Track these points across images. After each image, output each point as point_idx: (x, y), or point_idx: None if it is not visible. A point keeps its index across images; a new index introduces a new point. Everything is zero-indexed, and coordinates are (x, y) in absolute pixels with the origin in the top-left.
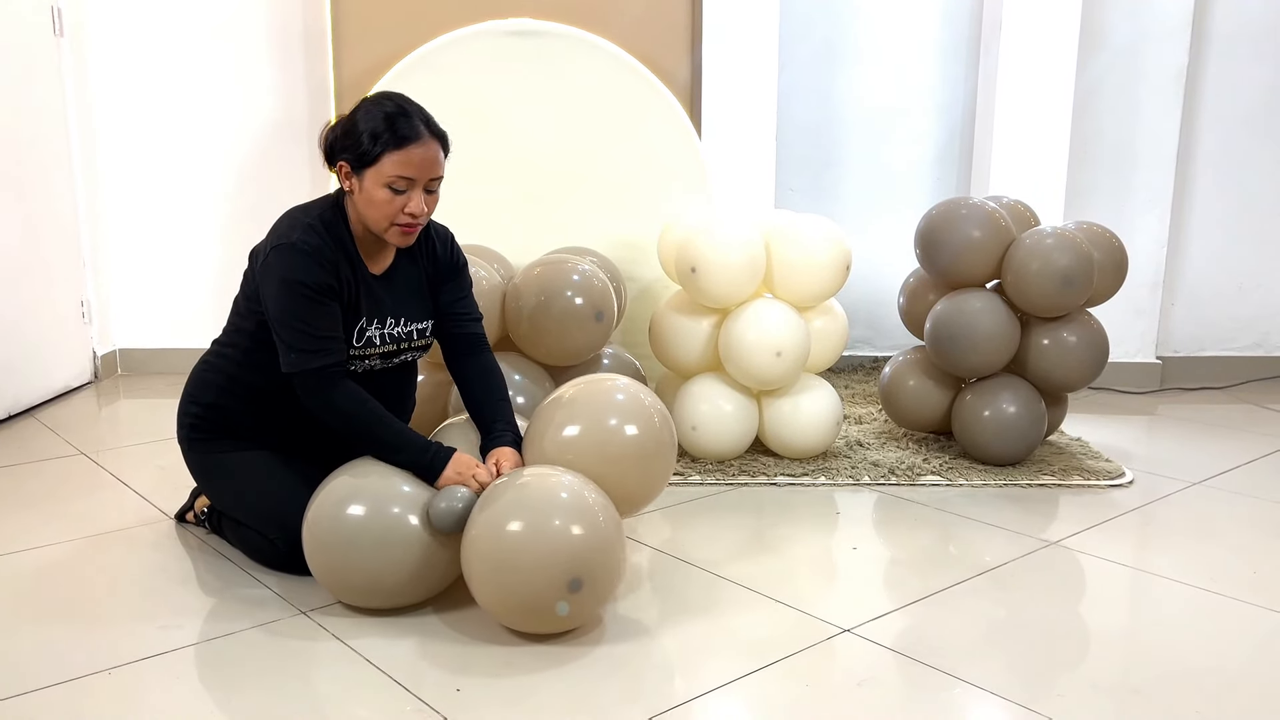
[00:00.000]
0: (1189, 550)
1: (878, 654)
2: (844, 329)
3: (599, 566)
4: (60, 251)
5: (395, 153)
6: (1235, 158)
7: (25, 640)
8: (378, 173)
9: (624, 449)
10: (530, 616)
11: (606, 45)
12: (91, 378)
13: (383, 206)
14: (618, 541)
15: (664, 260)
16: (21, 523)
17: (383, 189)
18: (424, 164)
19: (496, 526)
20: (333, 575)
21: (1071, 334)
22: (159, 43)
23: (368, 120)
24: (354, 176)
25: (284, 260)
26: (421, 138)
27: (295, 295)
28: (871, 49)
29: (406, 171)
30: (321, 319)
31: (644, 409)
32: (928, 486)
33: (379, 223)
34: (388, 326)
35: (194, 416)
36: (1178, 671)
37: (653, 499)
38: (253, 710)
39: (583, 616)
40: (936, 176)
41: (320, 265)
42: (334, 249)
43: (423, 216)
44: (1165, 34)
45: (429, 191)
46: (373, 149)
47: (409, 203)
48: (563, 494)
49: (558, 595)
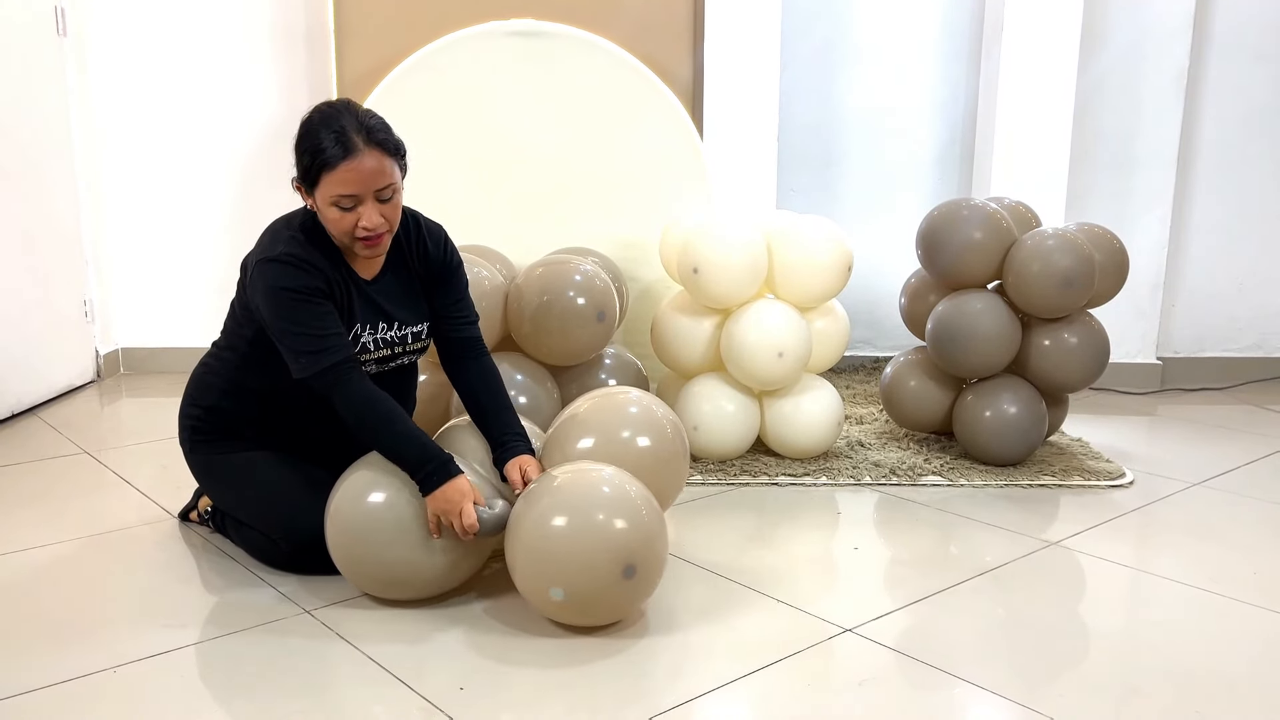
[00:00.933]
0: (1189, 551)
1: (879, 654)
2: (845, 329)
3: (651, 555)
4: (63, 251)
5: (331, 172)
6: (1236, 159)
7: (29, 639)
8: (322, 192)
9: (638, 461)
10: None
11: (608, 45)
12: (94, 377)
13: (337, 224)
14: (662, 532)
15: (666, 260)
16: (24, 521)
17: (331, 208)
18: (365, 178)
19: (544, 523)
20: (355, 565)
21: (1072, 335)
22: (162, 43)
23: (307, 139)
24: (309, 196)
25: (269, 274)
26: (355, 152)
27: (287, 303)
28: (873, 49)
29: (347, 189)
30: (319, 319)
31: (657, 420)
32: (929, 487)
33: (340, 238)
34: (381, 331)
35: (195, 419)
36: (1178, 672)
37: (665, 507)
38: (256, 709)
39: (633, 605)
40: (937, 177)
41: (305, 271)
42: (320, 257)
43: (381, 227)
44: (1166, 35)
45: (384, 200)
46: (311, 168)
47: (360, 218)
48: (605, 488)
49: (615, 583)
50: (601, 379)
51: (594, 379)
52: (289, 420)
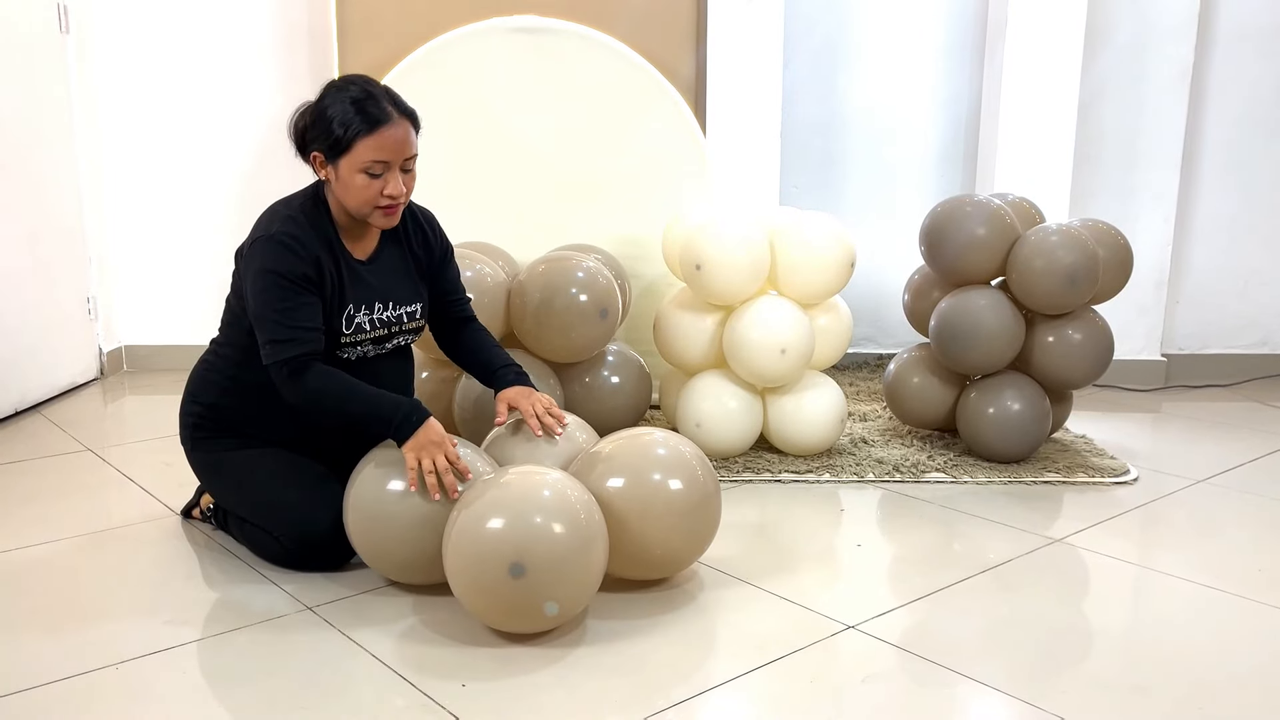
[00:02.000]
0: (1193, 547)
1: (882, 650)
2: (848, 326)
3: (542, 556)
4: (66, 248)
5: (368, 138)
6: (1240, 155)
7: (32, 635)
8: (353, 159)
9: (670, 503)
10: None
11: (611, 42)
12: (97, 374)
13: (361, 192)
14: (588, 540)
15: (668, 257)
16: (28, 518)
17: (359, 174)
18: (397, 145)
19: (474, 524)
20: (374, 549)
21: (1076, 331)
22: (164, 41)
23: (336, 107)
24: (329, 165)
25: (263, 252)
26: (391, 119)
27: (272, 286)
28: (876, 46)
29: (381, 155)
30: (298, 309)
31: (686, 461)
32: (932, 484)
33: (360, 208)
34: (376, 311)
35: (196, 416)
36: (1182, 669)
37: (701, 553)
38: (258, 705)
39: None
40: (941, 174)
41: (299, 256)
42: (315, 238)
43: (402, 197)
44: (1171, 31)
45: (405, 171)
46: (345, 136)
47: (387, 185)
48: (545, 491)
49: (501, 579)
50: (604, 376)
51: (597, 376)
52: (290, 416)
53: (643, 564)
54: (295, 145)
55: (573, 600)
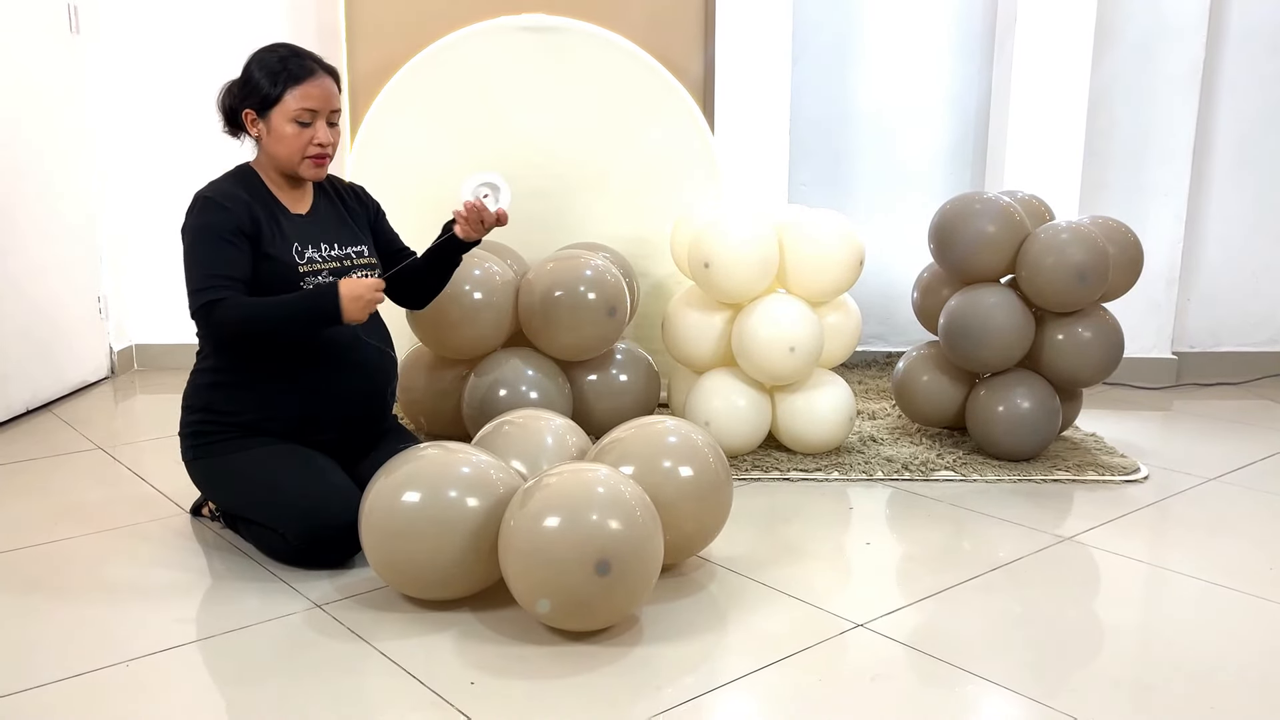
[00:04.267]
0: (1204, 546)
1: (891, 649)
2: (857, 324)
3: (630, 555)
4: (77, 248)
5: (296, 88)
6: (1251, 152)
7: (41, 633)
8: (283, 110)
9: (680, 490)
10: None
11: (619, 40)
12: (108, 373)
13: (292, 141)
14: (653, 534)
15: (677, 255)
16: (38, 516)
17: (290, 124)
18: (324, 96)
19: (533, 520)
20: (389, 564)
21: (1086, 329)
22: (174, 40)
23: (263, 67)
24: (260, 121)
25: (191, 210)
26: (316, 73)
27: (198, 240)
28: (884, 43)
29: (309, 104)
30: (217, 260)
31: (698, 450)
32: (941, 482)
33: (291, 158)
34: (323, 250)
35: (193, 425)
36: (1193, 667)
37: (712, 538)
38: (267, 703)
39: (613, 607)
40: (949, 172)
41: (226, 209)
42: (245, 193)
43: (330, 146)
44: (1181, 29)
45: (331, 125)
46: (274, 89)
47: (315, 134)
48: (599, 488)
49: (588, 579)
50: (612, 375)
51: (605, 374)
52: (283, 406)
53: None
54: (224, 117)
55: (642, 593)
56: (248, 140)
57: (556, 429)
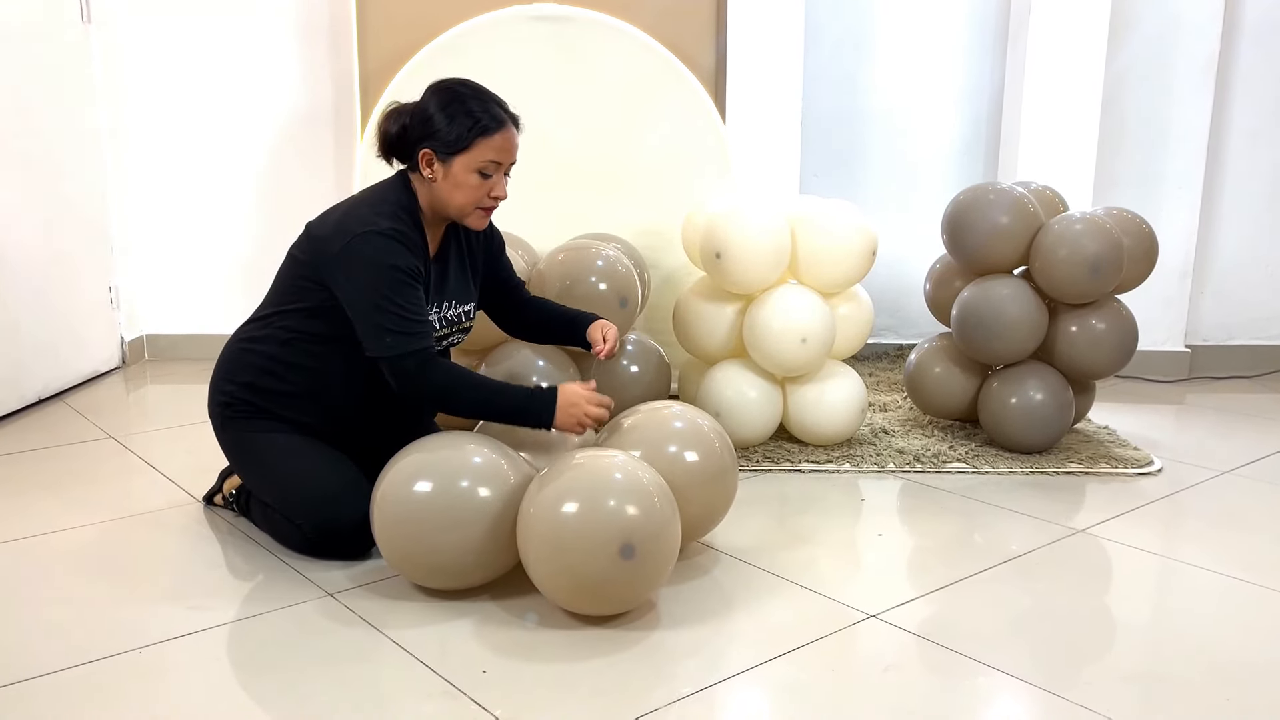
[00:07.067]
0: (1217, 539)
1: (903, 640)
2: (869, 315)
3: (650, 539)
4: (89, 238)
5: (487, 139)
6: (1266, 145)
7: (55, 620)
8: (469, 159)
9: (687, 475)
10: (584, 594)
11: (631, 30)
12: (119, 363)
13: (471, 191)
14: (671, 518)
15: (688, 246)
16: (51, 505)
17: (473, 174)
18: (510, 149)
19: (552, 507)
20: (402, 554)
21: (1100, 321)
22: (185, 31)
23: (454, 107)
24: (440, 163)
25: (376, 246)
26: (506, 125)
27: (391, 280)
28: (897, 34)
29: (498, 156)
30: (415, 301)
31: (703, 434)
32: (953, 474)
33: (464, 207)
34: (443, 310)
35: (229, 395)
36: (1206, 659)
37: (717, 522)
38: (279, 691)
39: (634, 590)
40: (962, 164)
41: (410, 251)
42: (418, 236)
43: (502, 200)
44: (1196, 21)
45: (506, 175)
46: (465, 135)
47: (494, 187)
48: (616, 474)
49: (611, 564)
50: (623, 365)
51: (616, 365)
52: (327, 403)
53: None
54: (384, 145)
55: (662, 577)
56: (382, 162)
57: None
